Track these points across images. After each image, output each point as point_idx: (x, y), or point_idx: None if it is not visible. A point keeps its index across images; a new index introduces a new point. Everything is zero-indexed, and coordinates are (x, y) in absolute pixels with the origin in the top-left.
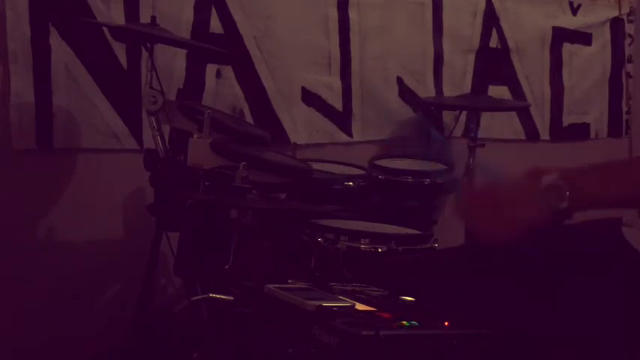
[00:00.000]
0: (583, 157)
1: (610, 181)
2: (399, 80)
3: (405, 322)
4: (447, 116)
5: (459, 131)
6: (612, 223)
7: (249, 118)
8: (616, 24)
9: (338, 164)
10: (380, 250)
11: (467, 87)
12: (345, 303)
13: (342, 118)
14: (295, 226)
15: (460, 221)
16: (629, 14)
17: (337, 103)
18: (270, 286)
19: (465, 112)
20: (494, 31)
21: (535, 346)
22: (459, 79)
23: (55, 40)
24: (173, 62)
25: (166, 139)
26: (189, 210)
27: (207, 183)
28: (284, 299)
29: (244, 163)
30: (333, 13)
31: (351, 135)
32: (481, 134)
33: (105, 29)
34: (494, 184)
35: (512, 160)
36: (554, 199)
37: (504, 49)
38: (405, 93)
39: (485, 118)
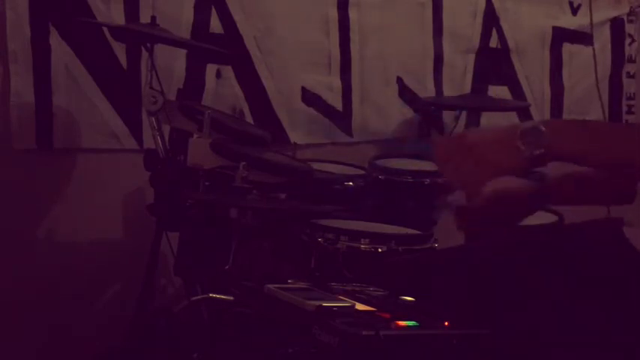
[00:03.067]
0: None
1: (592, 138)
2: (399, 80)
3: (405, 322)
4: (447, 116)
5: (458, 131)
6: (613, 222)
7: (249, 118)
8: (616, 24)
9: (338, 164)
10: (380, 250)
11: (467, 87)
12: (345, 303)
13: (342, 118)
14: (295, 226)
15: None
16: (628, 14)
17: (337, 103)
18: (270, 286)
19: (465, 112)
20: (494, 31)
21: (535, 346)
22: (459, 79)
23: (55, 40)
24: (173, 62)
25: (166, 139)
26: (189, 210)
27: (207, 183)
28: (284, 299)
29: (244, 163)
30: (333, 13)
31: (351, 135)
32: None
33: (105, 29)
34: (470, 130)
35: None
36: (532, 143)
37: (504, 49)
38: (405, 93)
39: (485, 118)
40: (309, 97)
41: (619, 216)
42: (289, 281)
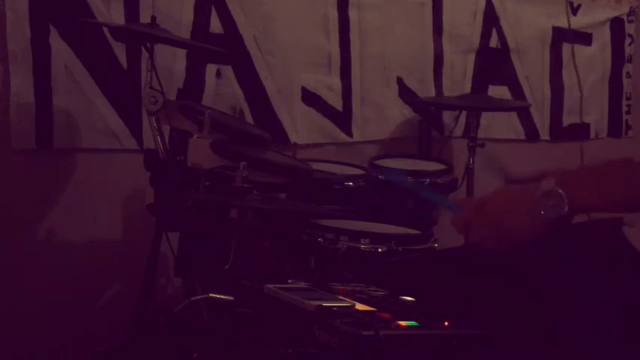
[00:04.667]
0: (583, 157)
1: (608, 186)
2: (399, 80)
3: (405, 322)
4: (447, 116)
5: (459, 131)
6: (613, 222)
7: (249, 118)
8: (616, 24)
9: (338, 164)
10: (380, 250)
11: (467, 87)
12: (345, 303)
13: (342, 118)
14: (295, 226)
15: (459, 233)
16: (629, 14)
17: (337, 103)
18: (270, 286)
19: (465, 112)
20: (494, 31)
21: (535, 345)
22: (459, 79)
23: (55, 40)
24: (173, 62)
25: (166, 139)
26: (189, 210)
27: (207, 183)
28: (284, 299)
29: (244, 163)
30: (333, 13)
31: (351, 135)
32: (481, 134)
33: (105, 29)
34: (489, 196)
35: (512, 160)
36: (553, 206)
37: (504, 49)
38: (405, 93)
39: (485, 118)
40: (309, 97)
41: (619, 216)
42: (289, 281)
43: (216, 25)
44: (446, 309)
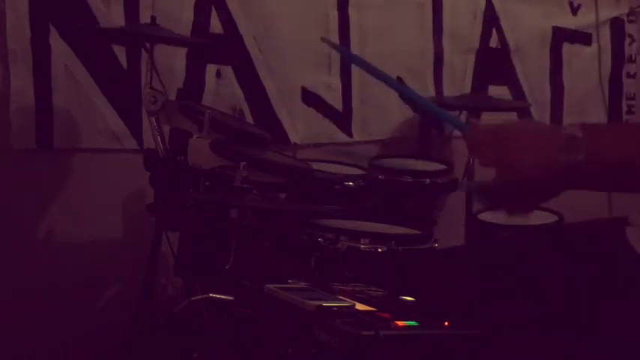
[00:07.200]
0: None
1: (628, 141)
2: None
3: (405, 322)
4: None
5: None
6: (616, 222)
7: (249, 118)
8: (616, 24)
9: (338, 164)
10: (380, 250)
11: (467, 87)
12: (345, 303)
13: (342, 118)
14: (295, 226)
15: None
16: (629, 14)
17: (337, 103)
18: (270, 286)
19: (465, 112)
20: (494, 31)
21: (535, 345)
22: (459, 79)
23: (55, 40)
24: (173, 62)
25: (166, 139)
26: (189, 210)
27: (207, 183)
28: (284, 299)
29: (244, 163)
30: (333, 13)
31: (351, 135)
32: None
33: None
34: (512, 126)
35: None
36: (572, 152)
37: (504, 49)
38: None
39: (485, 118)
40: (309, 97)
41: (624, 215)
42: (289, 281)
43: (216, 25)
44: (446, 309)
